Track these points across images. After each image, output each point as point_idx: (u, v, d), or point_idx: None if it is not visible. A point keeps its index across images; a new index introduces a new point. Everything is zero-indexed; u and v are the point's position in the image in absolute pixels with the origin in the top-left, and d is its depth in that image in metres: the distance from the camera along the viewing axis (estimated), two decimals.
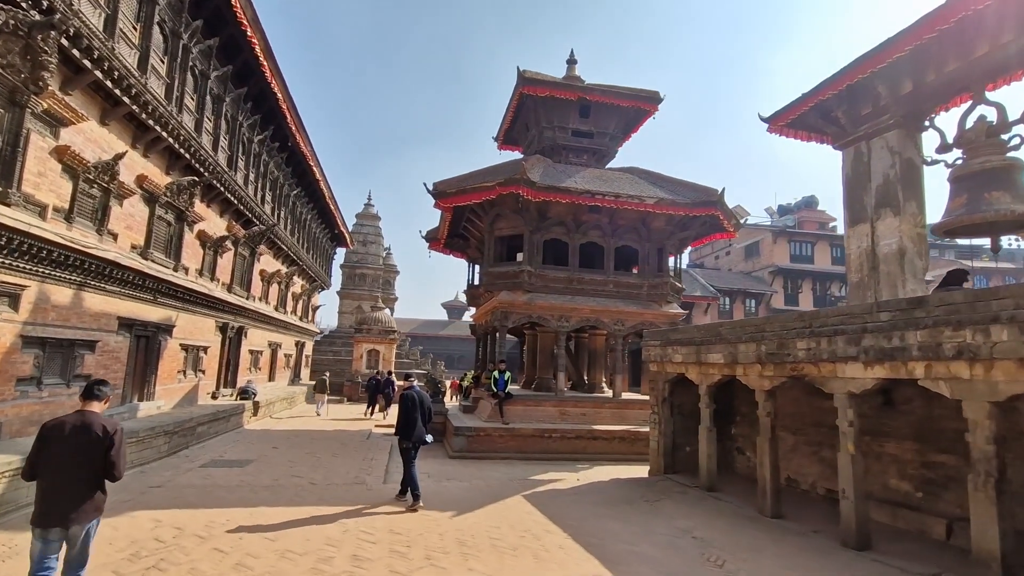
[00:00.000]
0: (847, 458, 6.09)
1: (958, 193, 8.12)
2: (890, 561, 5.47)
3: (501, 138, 18.73)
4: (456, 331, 69.01)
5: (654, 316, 14.54)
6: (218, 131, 12.90)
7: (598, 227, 14.60)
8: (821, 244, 31.41)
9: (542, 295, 14.01)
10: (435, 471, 10.01)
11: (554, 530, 6.19)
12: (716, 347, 8.33)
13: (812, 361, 6.56)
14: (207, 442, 11.73)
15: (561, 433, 12.40)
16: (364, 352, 26.20)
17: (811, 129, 11.14)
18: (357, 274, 33.70)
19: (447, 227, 16.21)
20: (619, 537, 6.02)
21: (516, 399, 13.18)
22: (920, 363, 5.29)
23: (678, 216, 14.20)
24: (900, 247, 9.31)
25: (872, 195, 9.85)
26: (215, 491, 7.58)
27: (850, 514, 5.96)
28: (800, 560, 5.45)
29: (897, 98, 9.52)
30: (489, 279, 14.29)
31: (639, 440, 12.67)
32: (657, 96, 15.99)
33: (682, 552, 5.60)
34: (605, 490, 8.49)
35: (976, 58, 8.36)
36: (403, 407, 7.48)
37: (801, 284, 30.48)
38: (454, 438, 11.93)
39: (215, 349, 15.02)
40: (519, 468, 10.85)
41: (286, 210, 19.96)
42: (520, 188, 12.58)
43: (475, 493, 8.01)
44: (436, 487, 8.34)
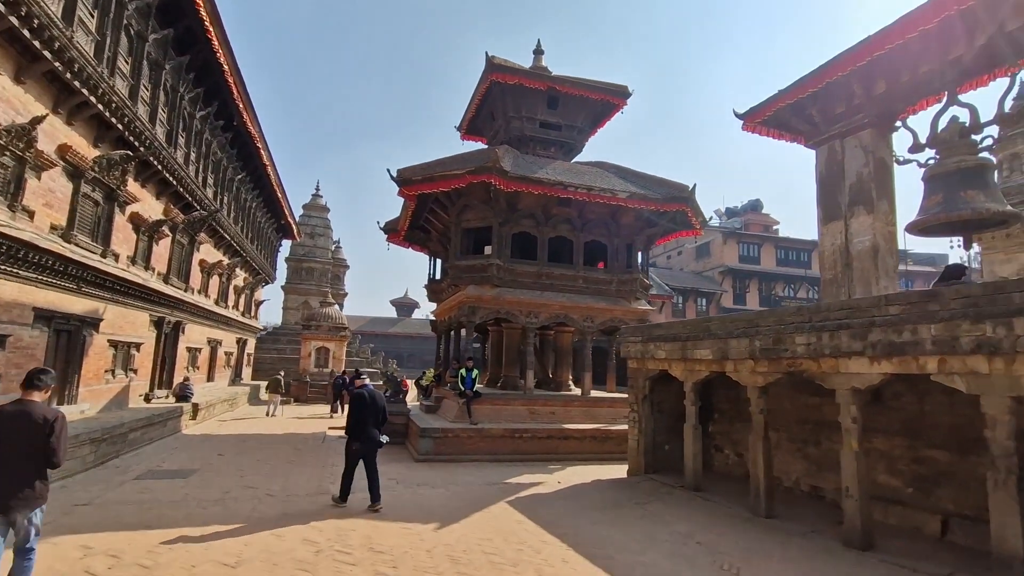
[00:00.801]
0: (851, 456, 5.93)
1: (933, 192, 8.22)
2: (898, 561, 5.32)
3: (465, 127, 18.06)
4: (405, 329, 67.48)
5: (623, 313, 14.35)
6: (156, 102, 11.54)
7: (568, 221, 14.24)
8: (767, 246, 32.65)
9: (511, 290, 13.50)
10: (403, 476, 9.30)
11: (551, 540, 5.69)
12: (704, 343, 8.10)
13: (812, 356, 6.38)
14: (141, 450, 10.46)
15: (532, 433, 11.95)
16: (313, 350, 24.78)
17: (785, 127, 11.19)
18: (304, 268, 31.97)
19: (409, 217, 15.39)
20: (622, 546, 5.60)
21: (484, 398, 12.60)
22: (933, 357, 5.16)
23: (648, 211, 14.07)
24: (873, 244, 9.44)
25: (846, 193, 9.96)
26: (156, 508, 6.58)
27: (855, 513, 5.80)
28: (813, 565, 5.21)
29: (871, 98, 9.64)
30: (455, 272, 13.63)
31: (610, 439, 12.44)
32: (626, 90, 15.82)
33: (692, 561, 5.23)
34: (589, 493, 8.09)
35: (950, 60, 8.52)
36: (354, 406, 7.07)
37: (748, 284, 31.56)
38: (420, 440, 11.22)
39: (149, 346, 13.54)
40: (491, 471, 10.30)
41: (230, 196, 18.43)
42: (491, 177, 12.01)
43: (455, 500, 7.40)
44: (411, 495, 7.66)
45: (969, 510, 6.06)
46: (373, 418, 7.08)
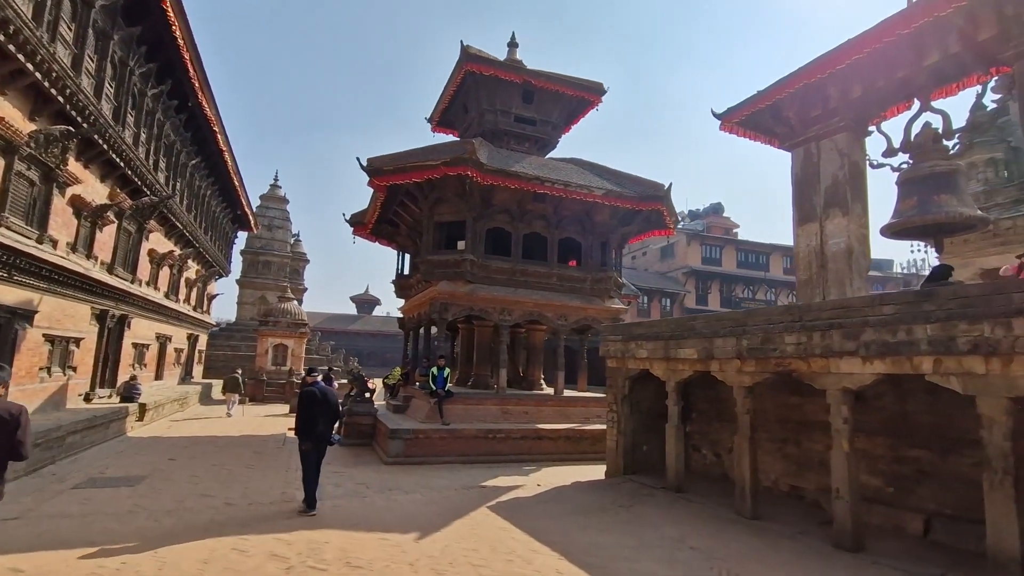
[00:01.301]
0: (841, 457, 5.88)
1: (908, 195, 8.36)
2: (889, 563, 5.29)
3: (437, 119, 17.56)
4: (366, 326, 65.97)
5: (597, 311, 14.22)
6: (102, 75, 10.56)
7: (543, 217, 14.00)
8: (728, 248, 33.43)
9: (484, 286, 13.14)
10: (373, 481, 8.81)
11: (541, 549, 5.39)
12: (688, 342, 7.98)
13: (801, 356, 6.32)
14: (81, 455, 9.55)
15: (506, 433, 11.63)
16: (270, 347, 23.67)
17: (761, 129, 11.26)
18: (261, 261, 30.57)
19: (378, 210, 14.81)
20: (615, 554, 5.35)
21: (456, 397, 12.19)
22: (928, 358, 5.14)
23: (623, 209, 13.99)
24: (848, 246, 9.57)
25: (821, 195, 10.07)
26: (100, 521, 5.91)
27: (845, 515, 5.75)
28: (808, 569, 5.10)
29: (847, 102, 9.76)
30: (427, 268, 13.16)
31: (584, 439, 12.27)
32: (601, 88, 15.72)
33: (689, 567, 5.04)
34: (571, 496, 7.84)
35: (924, 67, 8.68)
36: (303, 404, 6.73)
37: (711, 285, 32.24)
38: (389, 442, 10.73)
39: (90, 341, 12.47)
40: (465, 473, 9.93)
41: (183, 182, 17.28)
42: (468, 169, 11.62)
43: (433, 507, 7.00)
44: (385, 502, 7.20)
45: (950, 509, 6.13)
46: (324, 416, 6.73)
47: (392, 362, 56.14)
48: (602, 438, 12.42)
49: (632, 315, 29.61)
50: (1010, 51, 7.55)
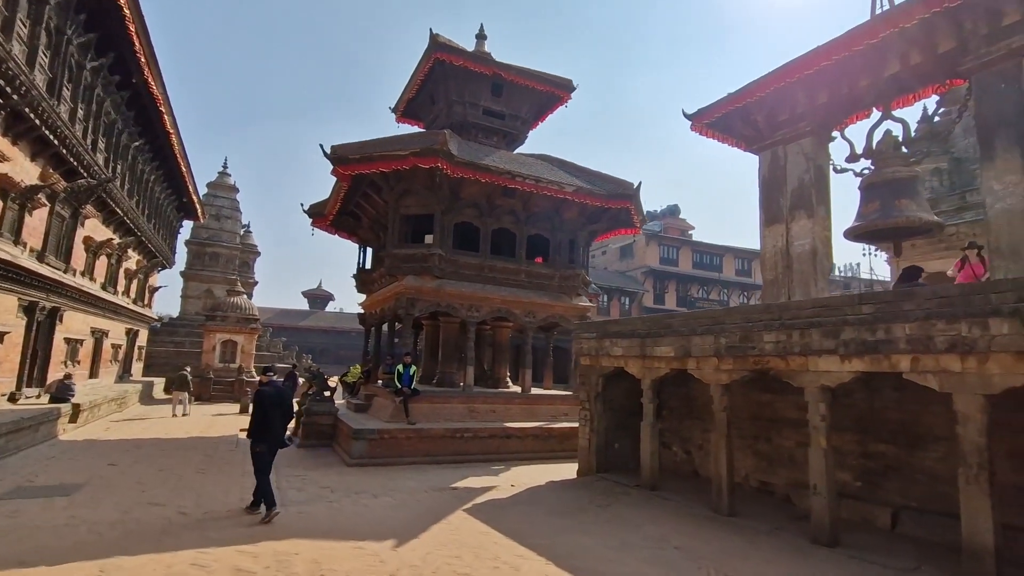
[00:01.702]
0: (819, 453, 5.97)
1: (870, 200, 8.66)
2: (865, 556, 5.40)
3: (402, 109, 17.03)
4: (318, 322, 64.04)
5: (564, 309, 14.16)
6: (35, 42, 9.57)
7: (512, 213, 13.80)
8: (684, 249, 34.31)
9: (452, 282, 12.83)
10: (337, 484, 8.38)
11: (527, 554, 5.20)
12: (665, 340, 7.97)
13: (780, 354, 6.39)
14: (5, 461, 8.63)
15: (474, 432, 11.38)
16: (218, 343, 22.42)
17: (730, 131, 11.43)
18: (208, 252, 28.96)
19: (339, 201, 14.21)
20: (601, 556, 5.22)
21: (421, 396, 11.83)
22: (906, 356, 5.26)
23: (592, 207, 13.96)
24: (813, 247, 9.82)
25: (787, 197, 10.30)
26: (31, 536, 5.28)
27: (823, 510, 5.84)
28: (792, 565, 5.13)
29: (814, 107, 10.02)
30: (392, 262, 12.71)
31: (552, 437, 12.18)
32: (570, 84, 15.66)
33: (677, 568, 4.97)
34: (547, 496, 7.68)
35: (887, 76, 8.99)
36: (258, 405, 6.49)
37: (668, 285, 32.99)
38: (352, 443, 10.27)
39: (17, 336, 11.34)
40: (433, 474, 9.62)
41: (124, 164, 16.05)
42: (438, 160, 11.27)
43: (405, 511, 6.67)
44: (354, 506, 6.81)
45: (916, 502, 6.35)
46: (278, 417, 6.54)
47: (346, 359, 54.68)
48: (570, 436, 12.38)
49: (592, 314, 29.89)
50: (968, 63, 7.88)
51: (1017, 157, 7.37)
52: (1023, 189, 7.27)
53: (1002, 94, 7.59)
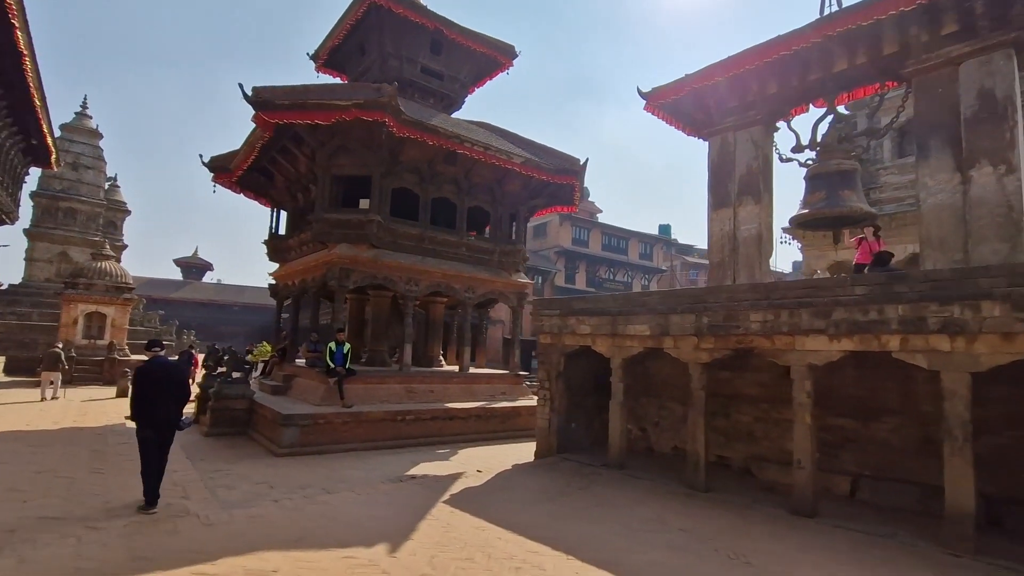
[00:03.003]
0: (804, 430, 6.16)
1: (816, 189, 9.15)
2: (847, 525, 5.66)
3: (324, 57, 15.21)
4: (194, 294, 57.81)
5: (504, 285, 13.71)
6: None
7: (454, 182, 12.95)
8: (595, 231, 35.31)
9: (390, 252, 11.79)
10: (273, 478, 7.30)
11: (540, 549, 4.75)
12: (639, 318, 7.84)
13: (766, 334, 6.48)
14: None
15: (415, 415, 10.63)
16: (80, 315, 18.93)
17: (681, 115, 11.52)
18: (62, 208, 24.25)
19: (254, 154, 12.38)
20: (614, 544, 4.93)
21: (355, 376, 10.78)
22: (896, 336, 5.51)
23: (536, 181, 13.54)
24: (759, 232, 10.24)
25: (736, 183, 10.63)
26: None
27: (806, 484, 6.05)
28: (795, 540, 5.21)
29: (764, 97, 10.36)
30: (322, 228, 11.34)
31: (494, 417, 11.80)
32: (513, 51, 14.99)
33: (697, 553, 4.82)
34: (521, 481, 7.27)
35: (834, 72, 9.49)
36: (140, 383, 5.69)
37: (579, 265, 33.79)
38: (282, 430, 9.05)
39: None
40: (378, 461, 8.82)
41: None
42: (385, 116, 10.12)
43: (379, 508, 5.89)
44: (312, 506, 5.87)
45: (870, 470, 6.84)
46: (170, 397, 5.81)
47: (227, 336, 49.88)
48: (512, 416, 12.10)
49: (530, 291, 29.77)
50: (910, 67, 8.50)
51: (949, 157, 8.08)
52: (952, 187, 7.99)
53: (939, 98, 8.26)
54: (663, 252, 38.84)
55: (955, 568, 4.61)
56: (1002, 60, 7.74)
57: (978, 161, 7.78)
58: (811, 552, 4.89)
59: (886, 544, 5.16)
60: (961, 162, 7.93)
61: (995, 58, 7.79)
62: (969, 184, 7.83)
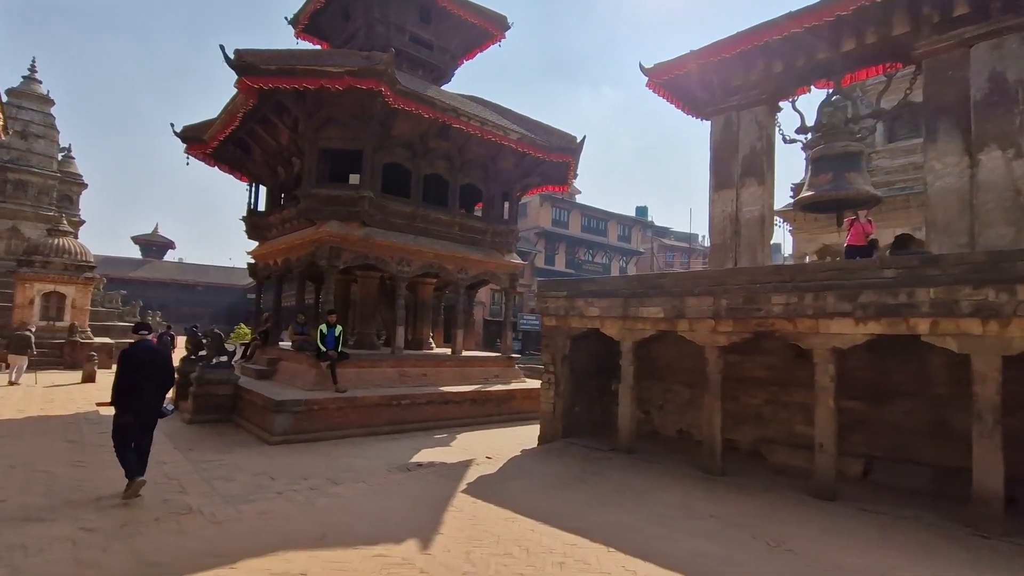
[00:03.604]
0: (827, 413, 6.11)
1: (821, 171, 9.05)
2: (869, 508, 5.67)
3: (304, 22, 14.34)
4: (155, 274, 55.64)
5: (497, 266, 13.37)
6: None
7: (447, 158, 12.45)
8: (575, 213, 35.11)
9: (381, 231, 11.28)
10: (271, 468, 6.90)
11: (578, 541, 4.55)
12: (653, 300, 7.65)
13: (788, 317, 6.38)
14: None
15: (411, 399, 10.29)
16: (37, 295, 17.70)
17: (682, 92, 11.28)
18: (11, 180, 22.47)
19: (233, 124, 11.60)
20: (652, 534, 4.78)
21: (347, 360, 10.33)
22: (926, 319, 5.46)
23: (531, 158, 13.15)
24: (761, 215, 10.17)
25: (739, 164, 10.49)
26: None
27: (828, 467, 6.03)
28: (821, 524, 5.18)
29: (769, 76, 10.19)
30: (310, 204, 10.73)
31: (489, 401, 11.56)
32: (505, 22, 14.42)
33: (735, 541, 4.71)
34: (533, 467, 7.07)
35: (842, 52, 9.37)
36: (126, 367, 5.44)
37: (558, 247, 33.61)
38: (274, 416, 8.60)
39: None
40: (377, 448, 8.50)
41: None
42: (380, 85, 9.54)
43: (394, 499, 5.58)
44: (324, 499, 5.52)
45: (881, 452, 6.89)
46: (153, 383, 5.60)
47: (190, 317, 48.04)
48: (506, 399, 11.89)
49: (522, 273, 29.43)
50: (921, 48, 8.43)
51: (957, 140, 8.09)
52: (960, 170, 8.01)
53: (949, 81, 8.23)
54: (641, 234, 39.01)
55: (988, 550, 4.63)
56: (1015, 43, 7.73)
57: (987, 145, 7.80)
58: (845, 536, 4.84)
59: (913, 527, 5.16)
60: (970, 145, 7.94)
61: (1007, 41, 7.76)
62: (977, 168, 7.86)
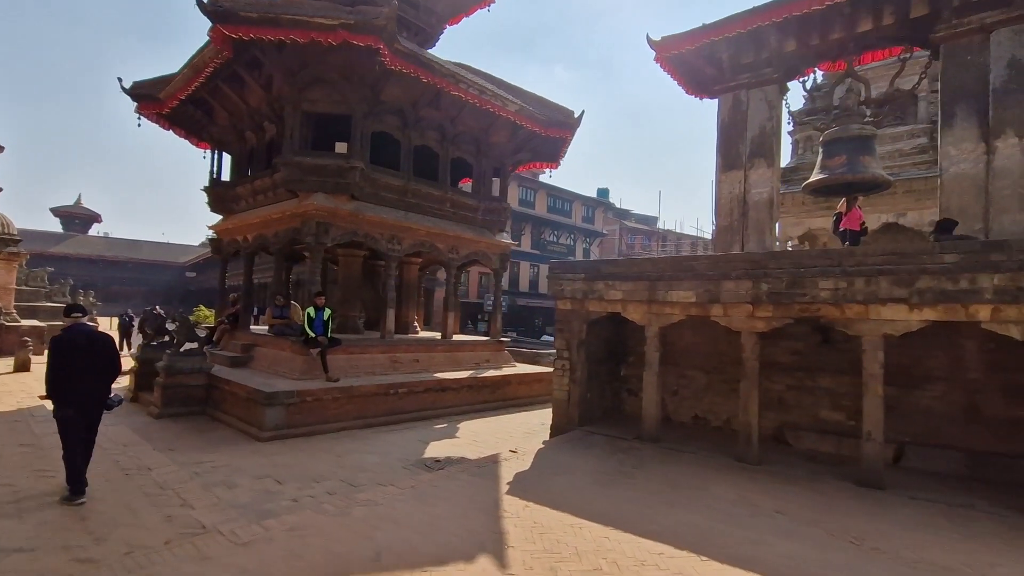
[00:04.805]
0: (875, 401, 5.97)
1: (835, 153, 8.91)
2: (920, 496, 5.60)
3: None
4: (79, 249, 51.27)
5: (488, 246, 12.74)
6: None
7: (439, 128, 11.61)
8: (540, 193, 34.60)
9: (371, 206, 10.39)
10: (272, 470, 6.15)
11: (663, 549, 4.14)
12: (684, 283, 7.30)
13: (836, 302, 6.16)
14: None
15: (408, 387, 9.60)
16: None
17: (689, 69, 10.92)
18: None
19: (198, 80, 10.28)
20: (729, 536, 4.45)
21: (338, 346, 9.49)
22: (987, 306, 5.34)
23: (523, 133, 12.51)
24: (770, 196, 10.02)
25: (747, 144, 10.26)
26: None
27: (876, 456, 5.91)
28: (889, 517, 5.03)
29: (781, 54, 9.95)
30: (292, 173, 9.68)
31: (484, 387, 11.05)
32: None
33: (815, 540, 4.45)
34: (565, 460, 6.61)
35: (857, 33, 9.22)
36: (56, 354, 4.90)
37: (524, 227, 33.09)
38: (264, 409, 7.72)
39: None
40: (382, 441, 7.88)
41: None
42: (380, 42, 8.58)
43: (440, 505, 4.97)
44: (368, 511, 4.83)
45: (910, 437, 6.89)
46: (96, 371, 5.07)
47: (121, 297, 44.60)
48: (501, 385, 11.41)
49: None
50: (941, 32, 8.36)
51: (974, 126, 8.10)
52: (975, 156, 8.04)
53: (967, 66, 8.20)
54: (604, 216, 39.06)
55: None
56: None
57: (1004, 131, 7.83)
58: (919, 531, 4.68)
59: (973, 515, 5.11)
60: (987, 132, 7.97)
61: None
62: (993, 154, 7.89)
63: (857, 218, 9.25)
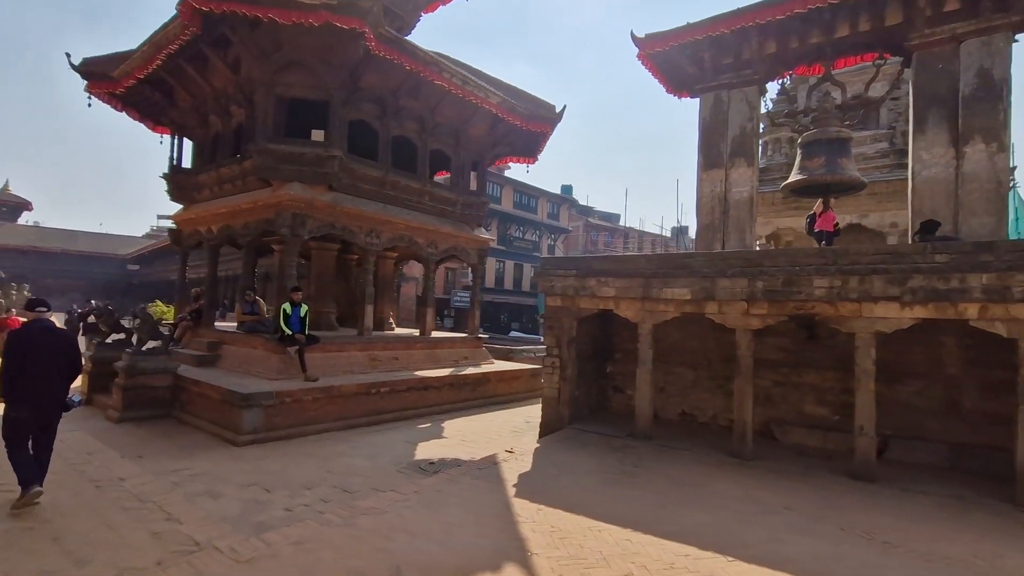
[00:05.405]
0: (868, 396, 6.14)
1: (814, 155, 9.15)
2: (912, 488, 5.78)
3: None
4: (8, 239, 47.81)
5: (467, 240, 12.48)
6: None
7: (418, 119, 11.24)
8: (507, 188, 34.42)
9: (349, 198, 9.95)
10: (263, 478, 5.76)
11: (689, 551, 4.07)
12: (679, 281, 7.30)
13: (830, 300, 6.29)
14: None
15: (390, 386, 9.27)
16: None
17: (671, 67, 11.01)
18: None
19: (159, 58, 9.54)
20: (745, 535, 4.44)
21: (315, 344, 9.05)
22: (975, 304, 5.56)
23: (504, 125, 12.30)
24: (750, 196, 10.23)
25: (728, 143, 10.44)
26: None
27: (868, 450, 6.08)
28: (890, 510, 5.16)
29: (762, 56, 10.15)
30: (266, 160, 9.14)
31: (465, 385, 10.82)
32: None
33: (829, 537, 4.50)
34: (564, 459, 6.49)
35: (835, 38, 9.50)
36: (15, 351, 4.51)
37: (490, 223, 32.78)
38: (243, 412, 7.23)
39: None
40: (367, 442, 7.57)
41: None
42: (364, 25, 8.17)
43: (449, 511, 4.73)
44: (375, 520, 4.55)
45: (891, 431, 7.13)
46: (53, 370, 4.68)
47: (53, 290, 41.55)
48: (482, 383, 11.22)
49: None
50: (913, 40, 8.70)
51: (945, 132, 8.47)
52: (946, 161, 8.41)
53: (939, 74, 8.56)
54: (569, 212, 39.28)
55: None
56: (1002, 41, 8.14)
57: (972, 138, 8.21)
58: (922, 523, 4.82)
59: (965, 506, 5.30)
60: (957, 138, 8.35)
61: (996, 39, 8.17)
62: (963, 160, 8.27)
63: (831, 219, 9.51)
